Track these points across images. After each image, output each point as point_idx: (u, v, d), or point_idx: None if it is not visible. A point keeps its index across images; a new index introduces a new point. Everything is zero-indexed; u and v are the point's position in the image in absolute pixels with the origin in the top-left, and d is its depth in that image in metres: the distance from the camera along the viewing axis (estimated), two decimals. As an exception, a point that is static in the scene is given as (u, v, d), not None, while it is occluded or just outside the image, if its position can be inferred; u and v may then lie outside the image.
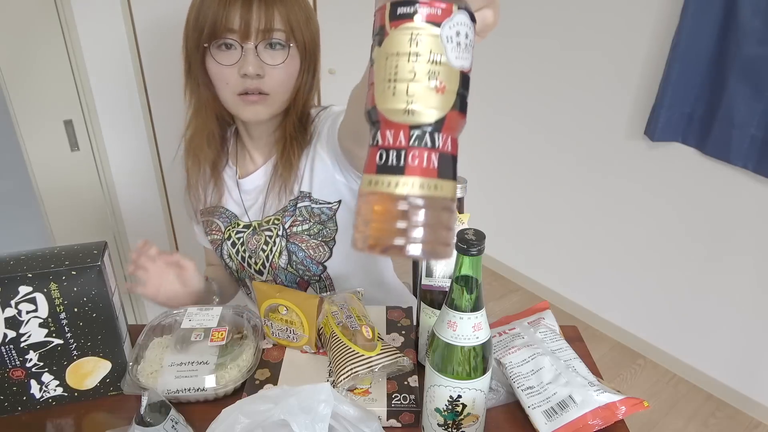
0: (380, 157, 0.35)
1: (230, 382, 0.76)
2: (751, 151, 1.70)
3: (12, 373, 0.74)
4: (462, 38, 0.35)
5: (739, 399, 1.97)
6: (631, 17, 1.93)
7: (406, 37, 0.34)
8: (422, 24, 0.34)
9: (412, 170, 0.35)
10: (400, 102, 0.35)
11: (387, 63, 0.35)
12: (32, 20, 1.48)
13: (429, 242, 0.34)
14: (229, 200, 1.04)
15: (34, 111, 1.55)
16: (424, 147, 0.35)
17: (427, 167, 0.35)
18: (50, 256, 0.72)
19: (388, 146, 0.35)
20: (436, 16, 0.34)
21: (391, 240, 0.34)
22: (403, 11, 0.34)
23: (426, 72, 0.34)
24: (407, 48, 0.34)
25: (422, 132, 0.35)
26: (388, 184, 0.35)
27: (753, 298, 1.86)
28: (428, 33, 0.34)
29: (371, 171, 0.36)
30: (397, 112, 0.35)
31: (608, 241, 2.24)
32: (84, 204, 1.74)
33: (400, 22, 0.35)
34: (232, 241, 1.03)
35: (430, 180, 0.35)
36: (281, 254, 0.98)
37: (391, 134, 0.35)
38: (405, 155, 0.35)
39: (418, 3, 0.34)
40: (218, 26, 0.83)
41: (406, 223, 0.34)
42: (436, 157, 0.35)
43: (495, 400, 0.77)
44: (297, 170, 0.95)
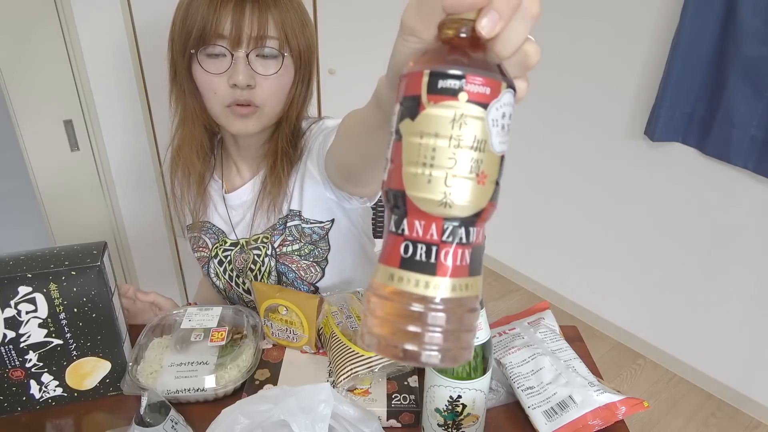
0: (405, 250, 0.31)
1: (230, 383, 0.76)
2: (751, 151, 1.70)
3: (11, 374, 0.74)
4: (506, 120, 0.31)
5: (739, 399, 1.97)
6: (631, 17, 1.93)
7: (449, 117, 0.29)
8: (467, 104, 0.29)
9: (445, 270, 0.30)
10: (436, 193, 0.30)
11: (422, 144, 0.30)
12: (32, 20, 1.48)
13: (449, 349, 0.31)
14: (215, 215, 0.99)
15: (34, 111, 1.55)
16: (458, 243, 0.31)
17: (460, 266, 0.31)
18: (50, 257, 0.72)
19: (417, 239, 0.31)
20: (484, 96, 0.30)
21: (406, 345, 0.30)
22: (447, 86, 0.29)
23: (468, 161, 0.30)
24: (449, 131, 0.29)
25: (457, 227, 0.31)
26: (416, 284, 0.30)
27: (753, 298, 1.85)
28: (474, 115, 0.30)
29: (393, 264, 0.31)
30: (432, 203, 0.30)
31: (608, 241, 2.24)
32: (84, 204, 1.74)
33: (441, 98, 0.30)
34: (219, 260, 0.99)
35: (462, 280, 0.31)
36: (270, 274, 0.94)
37: (420, 226, 0.31)
38: (437, 252, 0.30)
39: (466, 79, 0.29)
40: (207, 32, 0.77)
41: (426, 329, 0.30)
42: (468, 253, 0.31)
43: (495, 400, 0.77)
44: (286, 188, 0.90)
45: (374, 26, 2.27)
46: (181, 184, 0.97)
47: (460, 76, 0.29)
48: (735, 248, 1.86)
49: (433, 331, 0.30)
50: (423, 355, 0.30)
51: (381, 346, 0.31)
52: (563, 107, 2.23)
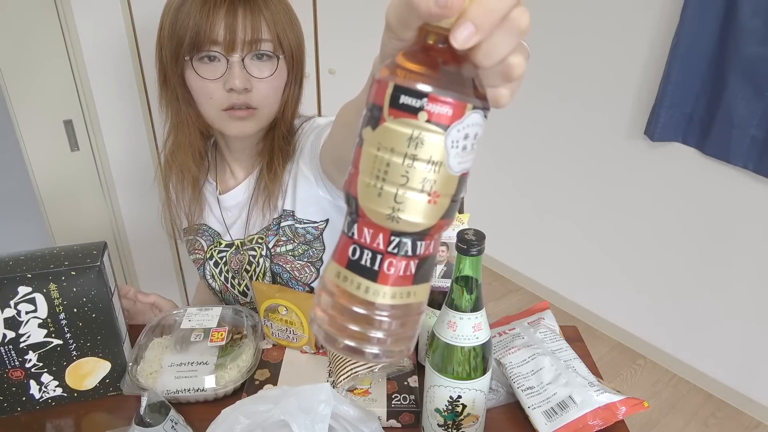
0: (353, 253, 0.32)
1: (230, 383, 0.76)
2: (751, 151, 1.70)
3: (11, 374, 0.74)
4: (469, 141, 0.30)
5: (739, 399, 1.97)
6: (631, 17, 1.93)
7: (405, 135, 0.29)
8: (426, 124, 0.29)
9: (386, 279, 0.31)
10: (385, 206, 0.30)
11: (377, 156, 0.30)
12: (32, 20, 1.48)
13: (390, 349, 0.32)
14: (210, 217, 0.99)
15: (34, 111, 1.55)
16: (403, 256, 0.31)
17: (404, 275, 0.31)
18: (50, 257, 0.72)
19: (364, 245, 0.31)
20: (445, 117, 0.29)
21: (349, 340, 0.32)
22: (408, 102, 0.29)
23: (420, 180, 0.29)
24: (404, 148, 0.29)
25: (403, 241, 0.31)
26: (358, 286, 0.31)
27: (753, 298, 1.85)
28: (431, 136, 0.29)
29: (341, 263, 0.32)
30: (380, 215, 0.30)
31: (608, 240, 2.24)
32: (84, 204, 1.74)
33: (400, 114, 0.29)
34: (214, 261, 0.99)
35: (404, 288, 0.32)
36: (265, 275, 0.94)
37: (368, 234, 0.31)
38: (381, 262, 0.31)
39: (428, 98, 0.28)
40: (201, 37, 0.75)
41: (365, 329, 0.32)
42: (414, 264, 0.32)
43: (495, 400, 0.77)
44: (282, 184, 0.90)
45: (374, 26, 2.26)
46: (175, 188, 0.97)
47: (423, 94, 0.29)
48: (735, 248, 1.86)
49: (372, 331, 0.32)
50: (363, 352, 0.32)
51: (325, 337, 0.33)
52: (563, 107, 2.23)
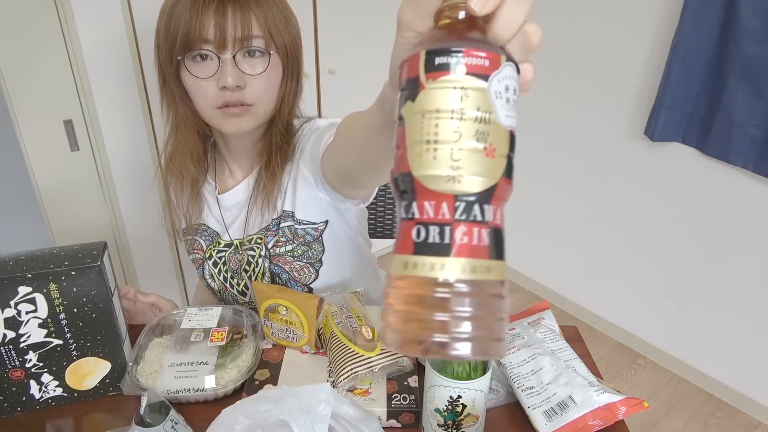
0: (418, 234, 0.29)
1: (230, 383, 0.76)
2: (751, 151, 1.70)
3: (11, 374, 0.74)
4: (510, 94, 0.30)
5: (739, 399, 1.97)
6: (631, 17, 1.93)
7: (448, 91, 0.28)
8: (467, 77, 0.28)
9: (462, 250, 0.28)
10: (442, 167, 0.28)
11: (424, 122, 0.29)
12: (32, 20, 1.48)
13: (479, 338, 0.28)
14: (209, 217, 0.99)
15: (34, 111, 1.55)
16: (473, 221, 0.29)
17: (478, 245, 0.29)
18: (50, 257, 0.72)
19: (428, 220, 0.29)
20: (484, 68, 0.29)
21: (431, 336, 0.28)
22: (443, 61, 0.29)
23: (473, 132, 0.28)
24: (450, 104, 0.28)
25: (470, 203, 0.29)
26: (431, 267, 0.28)
27: (753, 298, 1.85)
28: (475, 87, 0.28)
29: (406, 251, 0.29)
30: (440, 179, 0.29)
31: (608, 240, 2.24)
32: (84, 204, 1.74)
33: (439, 74, 0.29)
34: (213, 261, 0.99)
35: (482, 261, 0.29)
36: (264, 275, 0.94)
37: (431, 206, 0.29)
38: (451, 231, 0.28)
39: (462, 52, 0.29)
40: (191, 37, 0.76)
41: (450, 316, 0.28)
42: (487, 233, 0.29)
43: (495, 400, 0.77)
44: (281, 184, 0.90)
45: (374, 26, 2.27)
46: (175, 189, 0.97)
47: (457, 50, 0.29)
48: (735, 248, 1.86)
49: (458, 317, 0.28)
50: (451, 345, 0.27)
51: (404, 342, 0.29)
52: (563, 107, 2.23)
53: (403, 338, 0.29)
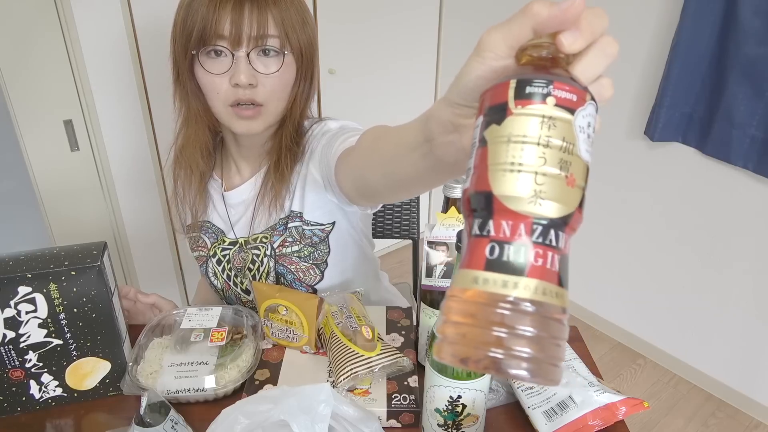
0: (491, 251, 0.29)
1: (230, 383, 0.76)
2: (751, 151, 1.70)
3: (11, 374, 0.74)
4: (590, 131, 0.32)
5: (739, 399, 1.97)
6: (631, 17, 1.93)
7: (537, 119, 0.30)
8: (555, 108, 0.30)
9: (535, 271, 0.29)
10: (526, 189, 0.29)
11: (509, 146, 0.30)
12: (32, 20, 1.48)
13: (539, 360, 0.28)
14: (214, 214, 0.99)
15: (34, 111, 1.55)
16: (547, 245, 0.29)
17: (550, 270, 0.29)
18: (50, 257, 0.72)
19: (504, 239, 0.29)
20: (571, 102, 0.30)
21: (490, 352, 0.28)
22: (534, 91, 0.30)
23: (557, 160, 0.30)
24: (537, 131, 0.30)
25: (546, 227, 0.30)
26: (504, 284, 0.29)
27: (753, 298, 1.85)
28: (562, 118, 0.30)
29: (477, 267, 0.30)
30: (522, 200, 0.29)
31: (608, 240, 2.24)
32: (84, 204, 1.74)
33: (528, 102, 0.30)
34: (217, 259, 0.99)
35: (552, 286, 0.29)
36: (269, 275, 0.94)
37: (508, 226, 0.30)
38: (527, 252, 0.29)
39: (553, 84, 0.30)
40: (207, 32, 0.77)
41: (515, 334, 0.28)
42: (558, 259, 0.30)
43: (495, 400, 0.77)
44: (289, 184, 0.90)
45: (374, 26, 2.27)
46: (183, 182, 0.97)
47: (548, 82, 0.30)
48: (735, 248, 1.86)
49: (522, 335, 0.28)
50: (510, 362, 0.28)
51: (462, 355, 0.29)
52: (563, 107, 2.23)
53: (462, 352, 0.29)
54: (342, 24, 2.14)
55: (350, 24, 2.18)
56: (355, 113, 2.31)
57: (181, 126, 0.91)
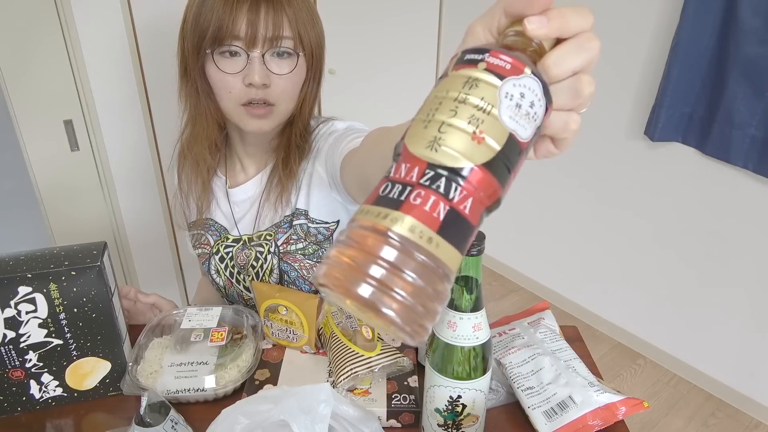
0: (384, 188, 0.31)
1: (230, 383, 0.76)
2: (751, 151, 1.70)
3: (11, 374, 0.74)
4: (525, 103, 0.31)
5: (739, 399, 1.97)
6: (631, 17, 1.93)
7: (463, 79, 0.31)
8: (484, 72, 0.31)
9: (410, 208, 0.29)
10: (428, 135, 0.30)
11: (432, 100, 0.32)
12: (32, 20, 1.48)
13: (404, 307, 0.28)
14: (217, 211, 0.99)
15: (34, 111, 1.55)
16: (433, 190, 0.29)
17: (429, 213, 0.29)
18: (50, 257, 0.72)
19: (397, 179, 0.31)
20: (503, 69, 0.31)
21: (358, 285, 0.28)
22: (471, 57, 0.32)
23: (468, 115, 0.30)
24: (459, 89, 0.31)
25: (438, 174, 0.30)
26: (378, 214, 0.29)
27: (753, 298, 1.86)
28: (486, 81, 0.31)
29: (369, 201, 0.31)
30: (421, 143, 0.30)
31: (608, 240, 2.24)
32: (84, 204, 1.74)
33: (462, 67, 0.32)
34: (220, 256, 0.99)
35: (426, 229, 0.29)
36: (272, 272, 0.94)
37: (405, 168, 0.31)
38: (409, 192, 0.30)
39: (489, 52, 0.31)
40: (223, 32, 0.77)
41: (378, 267, 0.28)
42: (444, 208, 0.29)
43: (495, 400, 0.77)
44: (296, 180, 0.90)
45: (374, 27, 2.27)
46: (189, 177, 0.97)
47: (485, 50, 0.32)
48: (735, 248, 1.86)
49: (385, 266, 0.28)
50: (377, 306, 0.27)
51: (335, 287, 0.29)
52: (563, 107, 2.23)
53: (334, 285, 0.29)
54: (342, 24, 2.14)
55: (350, 24, 2.18)
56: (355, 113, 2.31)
57: (186, 122, 0.92)
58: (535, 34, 0.32)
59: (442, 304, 0.30)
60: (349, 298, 0.28)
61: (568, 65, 0.33)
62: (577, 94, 0.33)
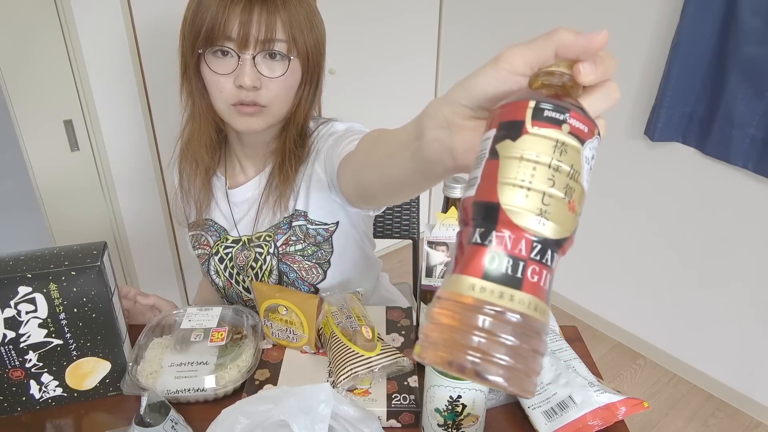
0: (491, 261, 0.30)
1: (230, 383, 0.76)
2: (751, 151, 1.70)
3: (11, 374, 0.74)
4: (593, 163, 0.33)
5: (739, 399, 1.97)
6: (631, 17, 1.93)
7: (551, 142, 0.31)
8: (569, 137, 0.31)
9: (530, 286, 0.30)
10: (533, 207, 0.30)
11: (521, 164, 0.31)
12: (32, 20, 1.48)
13: (516, 369, 0.29)
14: (217, 212, 0.99)
15: (34, 111, 1.55)
16: (543, 264, 0.31)
17: (542, 288, 0.31)
18: (50, 257, 0.72)
19: (505, 251, 0.30)
20: (583, 133, 0.32)
21: (473, 357, 0.29)
22: (552, 116, 0.31)
23: (564, 184, 0.31)
24: (550, 154, 0.31)
25: (545, 247, 0.31)
26: (501, 296, 0.30)
27: (753, 297, 1.86)
28: (573, 147, 0.31)
29: (475, 274, 0.30)
30: (528, 217, 0.30)
31: (608, 241, 2.24)
32: (84, 204, 1.74)
33: (545, 125, 0.31)
34: (219, 257, 0.99)
35: (541, 302, 0.31)
36: (271, 273, 0.94)
37: (510, 239, 0.30)
38: (524, 268, 0.30)
39: (570, 113, 0.32)
40: (215, 32, 0.77)
41: (501, 343, 0.29)
42: (549, 278, 0.31)
43: (495, 400, 0.77)
44: (293, 185, 0.90)
45: (374, 27, 2.27)
46: (188, 176, 0.97)
47: (565, 109, 0.32)
48: (734, 248, 1.86)
49: (505, 344, 0.29)
50: (489, 369, 0.29)
51: (446, 358, 0.30)
52: (563, 107, 2.22)
53: (447, 354, 0.30)
54: (342, 24, 2.14)
55: (350, 24, 2.18)
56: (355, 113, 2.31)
57: (187, 120, 0.92)
58: (587, 81, 0.34)
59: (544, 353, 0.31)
60: (461, 374, 0.29)
61: (596, 110, 0.35)
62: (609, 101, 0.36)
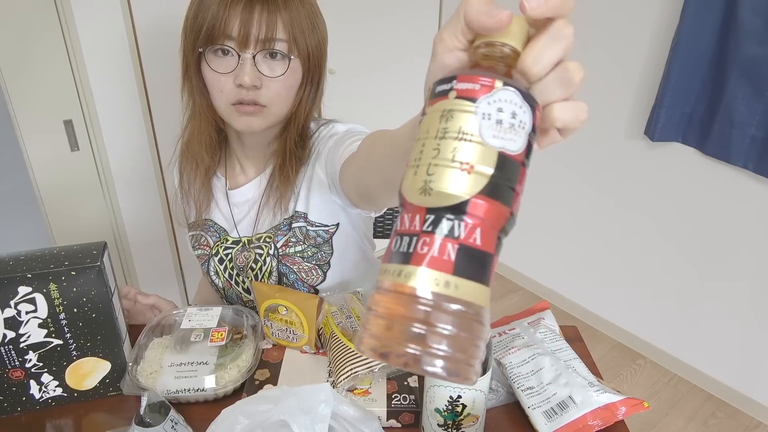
0: (395, 244, 0.31)
1: (230, 383, 0.76)
2: (751, 151, 1.70)
3: (11, 374, 0.74)
4: (505, 116, 0.30)
5: (739, 399, 1.97)
6: (631, 17, 1.93)
7: (438, 114, 0.31)
8: (455, 101, 0.31)
9: (419, 258, 0.29)
10: (419, 180, 0.30)
11: (416, 145, 0.31)
12: (32, 20, 1.48)
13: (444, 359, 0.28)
14: (217, 213, 0.99)
15: (34, 111, 1.55)
16: (438, 234, 0.29)
17: (440, 258, 0.29)
18: (50, 257, 0.72)
19: (403, 231, 0.30)
20: (473, 91, 0.30)
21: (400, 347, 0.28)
22: (441, 89, 0.31)
23: (450, 149, 0.30)
24: (437, 125, 0.31)
25: (439, 217, 0.29)
26: (393, 273, 0.30)
27: (753, 298, 1.85)
28: (460, 109, 0.30)
29: (384, 259, 0.31)
30: (415, 191, 0.30)
31: (608, 241, 2.24)
32: (84, 204, 1.74)
33: (435, 101, 0.31)
34: (219, 257, 0.99)
35: (442, 275, 0.29)
36: (271, 274, 0.94)
37: (408, 218, 0.31)
38: (416, 242, 0.29)
39: (456, 79, 0.31)
40: (215, 31, 0.77)
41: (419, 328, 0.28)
42: (453, 248, 0.29)
43: (495, 400, 0.77)
44: (294, 186, 0.90)
45: (374, 26, 2.27)
46: (188, 176, 0.97)
47: (452, 77, 0.31)
48: (735, 248, 1.86)
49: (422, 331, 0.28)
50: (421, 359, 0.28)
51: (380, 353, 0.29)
52: (563, 107, 2.22)
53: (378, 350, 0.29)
54: (342, 24, 2.14)
55: (350, 24, 2.18)
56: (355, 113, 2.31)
57: (188, 119, 0.92)
58: (534, 14, 0.31)
59: (482, 341, 0.30)
60: (391, 364, 0.29)
61: (547, 59, 0.32)
62: (569, 83, 0.33)
